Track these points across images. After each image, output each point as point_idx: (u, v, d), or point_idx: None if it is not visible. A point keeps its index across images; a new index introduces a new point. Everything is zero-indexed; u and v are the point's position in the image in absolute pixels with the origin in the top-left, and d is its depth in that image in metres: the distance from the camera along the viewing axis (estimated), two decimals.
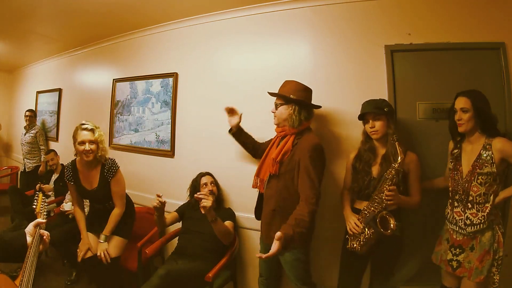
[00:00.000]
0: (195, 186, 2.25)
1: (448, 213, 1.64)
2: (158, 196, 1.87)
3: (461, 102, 1.56)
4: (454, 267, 1.56)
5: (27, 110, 4.05)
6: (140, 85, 2.97)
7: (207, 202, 1.77)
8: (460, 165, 1.61)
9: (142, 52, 2.98)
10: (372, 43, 1.97)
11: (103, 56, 3.42)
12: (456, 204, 1.60)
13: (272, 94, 1.82)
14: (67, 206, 2.79)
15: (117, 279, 2.12)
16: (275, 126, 1.82)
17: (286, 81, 1.81)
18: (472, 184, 1.53)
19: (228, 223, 2.08)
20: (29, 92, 4.81)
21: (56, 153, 3.49)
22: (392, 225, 1.51)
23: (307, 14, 2.14)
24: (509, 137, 1.64)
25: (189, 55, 2.64)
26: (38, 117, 4.40)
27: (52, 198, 3.27)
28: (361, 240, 1.60)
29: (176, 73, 2.69)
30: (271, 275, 1.89)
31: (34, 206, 1.48)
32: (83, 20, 2.84)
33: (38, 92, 4.53)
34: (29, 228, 1.31)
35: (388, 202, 1.52)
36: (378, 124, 1.66)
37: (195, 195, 1.84)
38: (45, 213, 1.48)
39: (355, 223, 1.64)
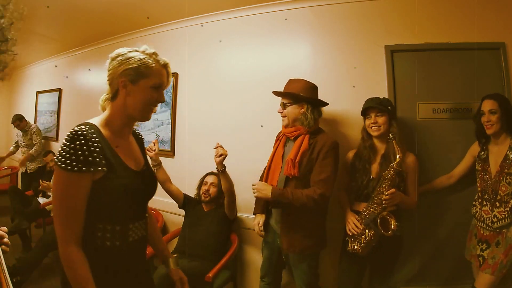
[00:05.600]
0: (201, 182, 2.27)
1: (477, 211, 1.66)
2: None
3: (489, 104, 1.59)
4: (481, 262, 1.58)
5: (13, 118, 3.86)
6: None
7: (223, 150, 1.86)
8: (488, 165, 1.64)
9: None
10: (372, 43, 1.97)
11: (103, 56, 3.40)
12: (484, 203, 1.62)
13: (278, 93, 1.74)
14: None
15: None
16: (283, 127, 1.75)
17: (291, 79, 1.75)
18: (501, 184, 1.56)
19: None
20: (29, 92, 4.81)
21: (54, 154, 3.47)
22: (392, 226, 1.50)
23: (307, 15, 2.14)
24: None
25: (189, 55, 2.64)
26: (38, 117, 4.40)
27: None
28: (362, 241, 1.59)
29: (176, 73, 2.69)
30: (273, 279, 1.86)
31: None
32: (83, 20, 2.84)
33: (38, 92, 4.53)
34: None
35: (388, 203, 1.51)
36: (381, 120, 1.65)
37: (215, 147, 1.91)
38: None
39: (354, 223, 1.63)
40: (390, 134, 1.59)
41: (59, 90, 4.04)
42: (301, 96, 1.64)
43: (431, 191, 1.84)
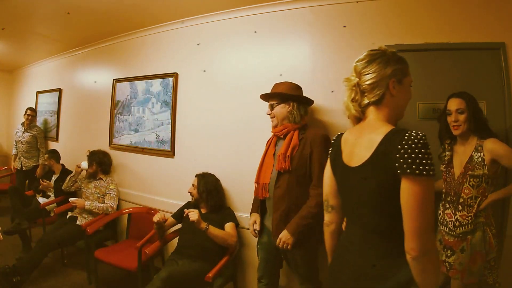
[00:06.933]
0: None
1: (440, 214, 1.64)
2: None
3: (456, 103, 1.55)
4: (448, 268, 1.55)
5: (29, 108, 3.99)
6: (140, 85, 2.97)
7: (193, 215, 1.89)
8: (452, 167, 1.60)
9: (142, 52, 2.98)
10: (372, 43, 1.96)
11: (103, 56, 3.42)
12: (447, 205, 1.60)
13: (266, 94, 1.84)
14: (84, 164, 2.93)
15: None
16: (272, 127, 1.82)
17: (276, 83, 1.85)
18: (464, 186, 1.52)
19: (229, 225, 2.09)
20: (29, 92, 4.81)
21: (50, 156, 3.42)
22: None
23: (307, 15, 2.14)
24: (509, 136, 1.64)
25: (189, 55, 2.64)
26: (38, 117, 4.40)
27: (52, 197, 3.27)
28: None
29: (176, 73, 2.69)
30: (271, 279, 1.87)
31: None
32: (83, 20, 2.84)
33: (38, 92, 4.53)
34: None
35: None
36: None
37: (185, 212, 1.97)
38: None
39: None
40: None
41: (59, 90, 4.05)
42: (287, 94, 1.74)
43: None
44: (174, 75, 2.70)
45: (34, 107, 4.23)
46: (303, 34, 2.16)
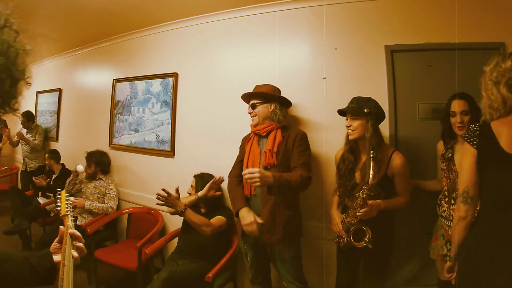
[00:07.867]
0: None
1: (444, 211, 1.67)
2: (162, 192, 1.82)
3: (460, 105, 1.58)
4: (448, 261, 1.57)
5: (21, 114, 3.91)
6: (140, 85, 2.97)
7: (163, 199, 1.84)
8: (454, 165, 1.63)
9: (142, 52, 2.98)
10: (372, 43, 1.97)
11: (103, 56, 3.42)
12: (453, 201, 1.62)
13: (250, 94, 1.89)
14: (80, 168, 2.90)
15: None
16: (252, 126, 1.88)
17: (258, 85, 1.93)
18: None
19: (216, 217, 2.00)
20: (29, 92, 4.81)
21: (50, 156, 3.43)
22: (366, 239, 1.52)
23: (307, 15, 2.14)
24: None
25: (189, 55, 2.64)
26: (39, 117, 4.40)
27: (52, 198, 3.27)
28: (341, 240, 1.64)
29: (176, 73, 2.69)
30: (265, 277, 1.89)
31: (58, 208, 1.06)
32: (83, 20, 2.84)
33: (38, 92, 4.53)
34: (53, 245, 0.97)
35: (363, 218, 1.51)
36: (355, 124, 1.62)
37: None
38: (71, 213, 1.04)
39: (337, 223, 1.69)
40: (371, 152, 1.52)
41: (59, 90, 4.05)
42: (271, 94, 1.82)
43: (422, 189, 1.84)
44: (174, 75, 2.70)
45: (31, 110, 4.19)
46: (304, 34, 2.16)
